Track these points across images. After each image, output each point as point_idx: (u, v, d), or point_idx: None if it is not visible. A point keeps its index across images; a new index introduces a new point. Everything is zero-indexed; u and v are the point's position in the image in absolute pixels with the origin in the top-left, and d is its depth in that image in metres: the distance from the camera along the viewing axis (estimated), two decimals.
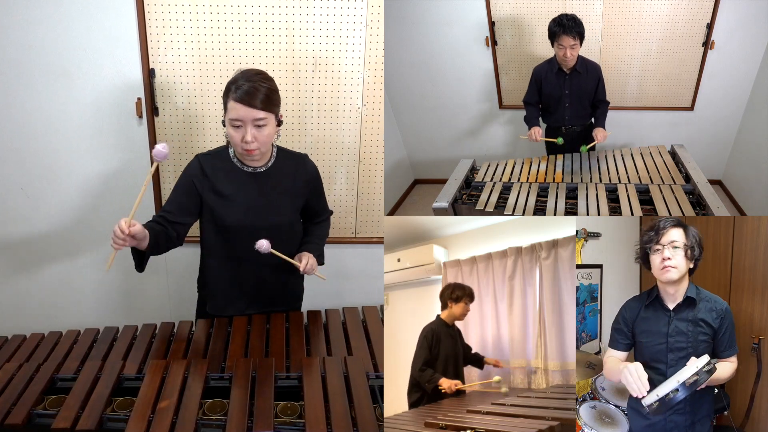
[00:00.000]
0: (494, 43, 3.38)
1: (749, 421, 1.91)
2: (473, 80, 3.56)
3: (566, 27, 2.60)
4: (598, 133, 2.79)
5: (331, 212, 2.27)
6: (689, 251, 1.51)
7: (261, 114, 1.81)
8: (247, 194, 1.98)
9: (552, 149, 2.94)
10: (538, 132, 2.87)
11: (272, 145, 2.00)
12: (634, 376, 1.43)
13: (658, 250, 1.51)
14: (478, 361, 2.44)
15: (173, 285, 2.70)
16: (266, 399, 1.64)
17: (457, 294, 2.32)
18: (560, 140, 2.82)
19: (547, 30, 2.69)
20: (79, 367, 1.87)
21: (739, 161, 3.54)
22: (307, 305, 2.31)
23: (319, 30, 2.37)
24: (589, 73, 2.80)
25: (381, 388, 1.73)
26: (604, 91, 2.86)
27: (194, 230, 2.07)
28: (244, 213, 1.98)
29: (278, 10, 2.33)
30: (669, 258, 1.50)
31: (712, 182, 2.77)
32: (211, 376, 1.78)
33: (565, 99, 2.84)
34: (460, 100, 3.65)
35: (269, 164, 2.00)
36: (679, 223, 1.54)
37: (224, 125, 1.89)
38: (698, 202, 2.28)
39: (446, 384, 2.16)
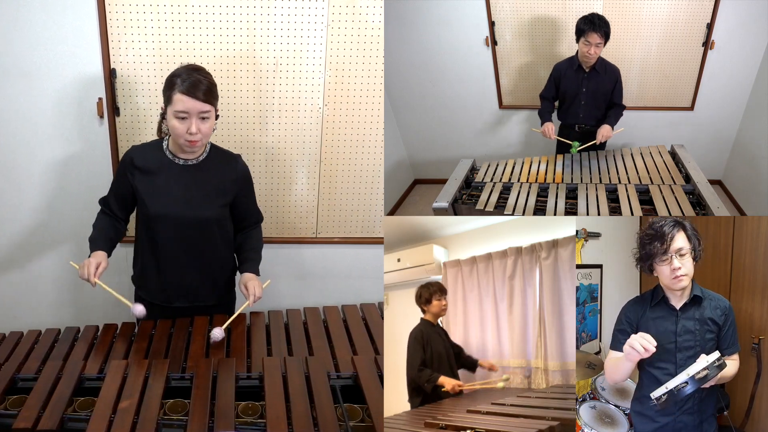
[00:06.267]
0: (494, 43, 3.38)
1: (749, 421, 1.91)
2: (473, 80, 3.56)
3: (596, 25, 2.64)
4: (600, 130, 2.80)
5: (262, 219, 2.26)
6: (694, 253, 1.52)
7: (206, 107, 1.87)
8: (175, 185, 2.01)
9: (562, 149, 2.96)
10: (551, 128, 2.88)
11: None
12: (639, 339, 1.42)
13: (666, 260, 1.50)
14: (472, 364, 2.43)
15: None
16: (227, 399, 1.64)
17: (425, 296, 2.34)
18: (576, 145, 2.78)
19: (575, 26, 2.72)
20: (40, 367, 1.86)
21: (739, 161, 3.54)
22: (270, 305, 2.30)
23: (280, 30, 2.37)
24: (607, 74, 2.83)
25: (342, 388, 1.73)
26: (620, 95, 2.88)
27: None
28: (171, 203, 2.01)
29: (239, 10, 2.32)
30: (679, 267, 1.50)
31: (712, 182, 2.77)
32: (172, 376, 1.77)
33: (581, 97, 2.86)
34: (460, 100, 3.65)
35: (201, 158, 2.03)
36: (679, 224, 1.53)
37: (163, 118, 1.98)
38: (698, 202, 2.28)
39: (448, 384, 2.15)
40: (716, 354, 1.43)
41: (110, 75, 2.35)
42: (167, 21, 2.31)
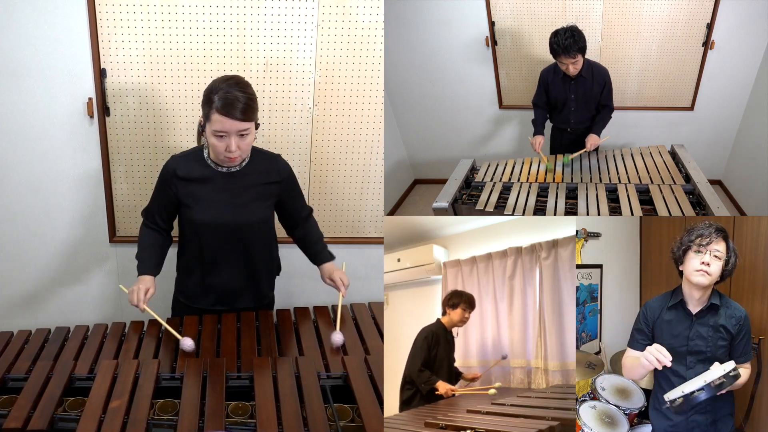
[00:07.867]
0: (494, 43, 3.38)
1: (749, 421, 1.91)
2: (473, 80, 3.56)
3: (565, 48, 2.55)
4: (589, 139, 2.78)
5: (311, 209, 2.28)
6: (726, 264, 1.54)
7: (245, 126, 1.83)
8: (221, 194, 2.00)
9: (555, 149, 2.94)
10: (538, 143, 2.87)
11: None
12: (654, 353, 1.49)
13: (700, 252, 1.53)
14: (456, 376, 2.42)
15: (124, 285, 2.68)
16: (217, 399, 1.64)
17: (453, 301, 2.34)
18: (567, 158, 2.72)
19: (549, 44, 2.63)
20: (30, 367, 1.86)
21: (739, 161, 3.54)
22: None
23: (271, 30, 2.36)
24: (594, 78, 2.77)
25: (332, 388, 1.73)
26: (609, 96, 2.84)
27: None
28: (217, 212, 2.00)
29: (230, 10, 2.32)
30: (708, 264, 1.52)
31: (712, 182, 2.77)
32: (163, 376, 1.77)
33: (571, 103, 2.84)
34: (460, 100, 3.65)
35: (243, 164, 2.01)
36: (725, 236, 1.55)
37: (202, 130, 1.93)
38: (698, 202, 2.28)
39: (443, 389, 2.16)
40: (732, 364, 1.45)
41: (100, 75, 2.34)
42: (157, 21, 2.31)
